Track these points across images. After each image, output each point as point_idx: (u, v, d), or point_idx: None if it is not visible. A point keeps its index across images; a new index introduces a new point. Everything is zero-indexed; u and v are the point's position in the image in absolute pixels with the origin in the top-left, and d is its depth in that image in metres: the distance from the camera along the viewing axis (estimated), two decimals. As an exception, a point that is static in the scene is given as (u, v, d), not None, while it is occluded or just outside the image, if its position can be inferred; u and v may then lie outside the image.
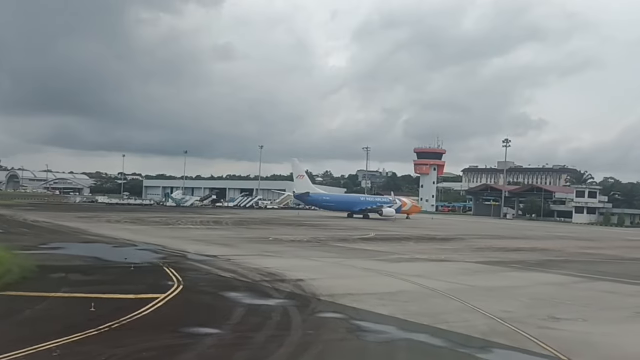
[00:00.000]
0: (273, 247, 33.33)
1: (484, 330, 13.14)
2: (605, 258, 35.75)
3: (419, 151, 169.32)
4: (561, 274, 25.29)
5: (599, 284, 22.80)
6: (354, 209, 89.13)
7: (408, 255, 31.53)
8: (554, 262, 31.08)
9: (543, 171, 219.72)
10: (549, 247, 42.36)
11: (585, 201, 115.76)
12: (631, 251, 43.35)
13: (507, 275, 24.54)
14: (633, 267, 30.68)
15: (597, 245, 48.25)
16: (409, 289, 19.01)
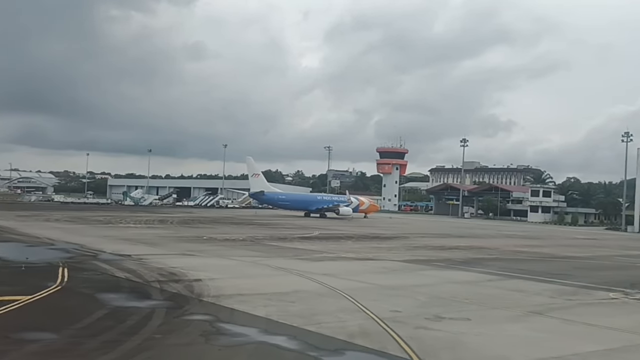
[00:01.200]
0: (201, 246, 32.51)
1: (353, 331, 12.57)
2: (538, 256, 35.68)
3: (382, 151, 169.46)
4: (479, 272, 24.98)
5: (511, 282, 22.53)
6: (311, 208, 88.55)
7: (336, 254, 31.00)
8: (481, 260, 30.87)
9: (508, 171, 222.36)
10: (487, 246, 42.29)
11: (540, 200, 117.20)
12: (568, 249, 43.49)
13: (422, 273, 24.17)
14: (559, 265, 30.53)
15: (538, 244, 48.46)
16: (308, 288, 18.41)
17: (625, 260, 35.39)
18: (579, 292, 20.47)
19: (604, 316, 16.04)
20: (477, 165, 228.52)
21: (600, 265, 31.94)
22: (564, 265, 31.10)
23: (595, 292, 20.55)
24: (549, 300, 18.40)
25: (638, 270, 29.74)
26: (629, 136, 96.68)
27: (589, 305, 18.05)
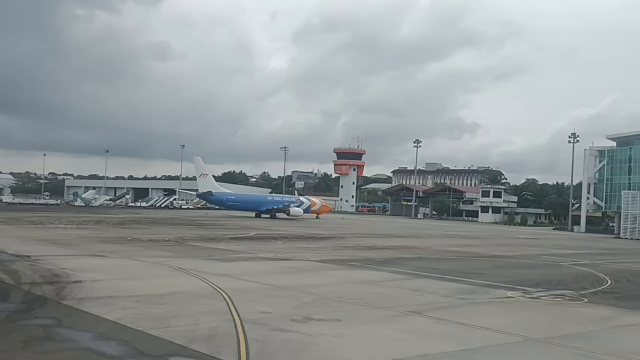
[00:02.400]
0: (118, 247, 31.34)
1: (199, 335, 11.81)
2: (464, 256, 35.51)
3: (339, 152, 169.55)
4: (389, 272, 24.50)
5: (416, 281, 22.09)
6: (261, 209, 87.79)
7: (255, 254, 30.21)
8: (402, 260, 30.47)
9: (469, 173, 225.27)
10: (419, 246, 42.09)
11: (491, 201, 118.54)
12: (501, 249, 43.59)
13: (329, 273, 23.56)
14: (480, 265, 30.37)
15: (473, 244, 48.58)
16: (191, 290, 17.57)
17: (550, 260, 35.39)
18: (477, 291, 20.12)
19: (485, 315, 15.63)
20: (439, 167, 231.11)
21: (521, 264, 31.83)
22: (485, 264, 30.94)
23: (495, 291, 20.21)
24: (439, 299, 17.94)
25: (556, 270, 29.57)
26: (576, 137, 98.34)
27: (478, 304, 17.65)
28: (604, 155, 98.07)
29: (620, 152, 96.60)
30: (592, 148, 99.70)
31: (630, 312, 17.36)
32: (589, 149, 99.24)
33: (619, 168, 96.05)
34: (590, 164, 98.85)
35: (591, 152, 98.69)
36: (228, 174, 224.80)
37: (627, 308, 17.96)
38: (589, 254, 42.52)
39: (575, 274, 27.65)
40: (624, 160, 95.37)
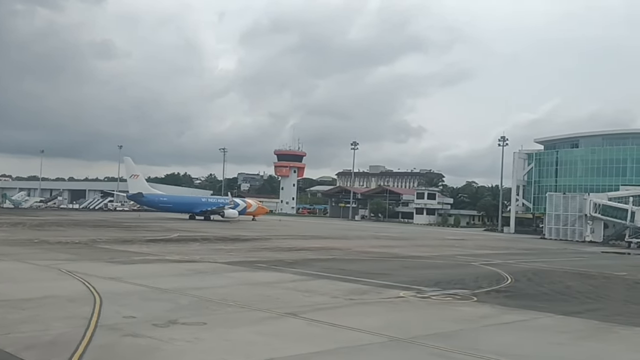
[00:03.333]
0: (17, 249, 29.86)
1: (41, 342, 11.08)
2: (380, 256, 35.56)
3: (279, 153, 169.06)
4: (292, 273, 24.15)
5: (314, 282, 21.78)
6: (195, 210, 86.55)
7: (162, 256, 29.33)
8: (312, 261, 30.22)
9: (412, 175, 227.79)
10: (339, 247, 42.02)
11: (425, 203, 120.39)
12: (421, 249, 43.90)
13: (225, 275, 22.99)
14: (389, 265, 30.40)
15: (397, 244, 48.97)
16: (65, 294, 16.66)
17: (464, 260, 35.74)
18: (371, 292, 19.96)
19: (363, 316, 15.39)
20: (382, 169, 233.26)
21: (431, 265, 32.04)
22: (395, 264, 30.99)
23: (389, 291, 20.09)
24: (327, 300, 17.65)
25: (463, 269, 29.81)
26: (505, 140, 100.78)
27: (363, 304, 17.44)
28: (532, 158, 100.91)
29: (547, 155, 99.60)
30: (520, 151, 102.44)
31: (512, 310, 17.45)
32: (517, 152, 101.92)
33: (546, 170, 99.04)
34: (519, 166, 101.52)
35: (520, 155, 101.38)
36: (171, 176, 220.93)
37: (512, 306, 18.08)
38: (505, 254, 43.35)
39: (480, 273, 27.93)
40: (551, 162, 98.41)
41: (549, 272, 30.26)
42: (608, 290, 24.05)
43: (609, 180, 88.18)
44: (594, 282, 26.96)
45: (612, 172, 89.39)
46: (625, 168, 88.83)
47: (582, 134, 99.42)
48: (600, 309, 18.79)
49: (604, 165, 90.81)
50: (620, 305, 19.88)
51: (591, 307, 19.04)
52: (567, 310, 17.77)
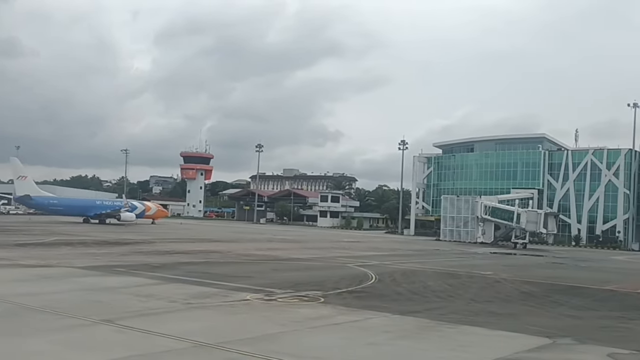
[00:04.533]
0: None
1: None
2: (258, 259, 34.97)
3: (186, 155, 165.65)
4: (147, 277, 23.12)
5: (163, 286, 20.75)
6: (89, 213, 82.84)
7: (16, 261, 27.35)
8: (182, 264, 29.16)
9: (325, 179, 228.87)
10: (223, 250, 41.14)
11: (329, 205, 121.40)
12: (307, 251, 43.68)
13: (70, 280, 21.55)
14: (260, 267, 29.92)
15: (285, 247, 48.66)
16: None
17: (343, 261, 35.75)
18: (216, 295, 19.31)
19: (187, 321, 14.74)
20: (296, 172, 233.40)
21: (305, 267, 31.84)
22: (267, 267, 30.55)
23: (237, 294, 19.49)
24: (161, 305, 16.88)
25: (334, 271, 29.68)
26: (405, 144, 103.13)
27: (196, 308, 16.72)
28: (431, 162, 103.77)
29: (444, 159, 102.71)
30: (420, 155, 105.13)
31: (352, 310, 17.30)
32: (417, 155, 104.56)
33: (444, 174, 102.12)
34: (419, 170, 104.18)
35: (419, 159, 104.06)
36: (78, 178, 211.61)
37: (354, 307, 17.94)
38: (389, 255, 43.94)
39: (349, 274, 27.87)
40: (448, 166, 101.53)
41: (418, 273, 30.73)
42: (462, 289, 24.55)
43: (501, 184, 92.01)
44: (455, 281, 27.54)
45: (504, 176, 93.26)
46: (516, 172, 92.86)
47: (476, 138, 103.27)
48: (442, 308, 19.02)
49: (496, 169, 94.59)
50: (463, 304, 20.22)
51: (434, 306, 19.25)
52: (407, 310, 17.83)
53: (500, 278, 29.82)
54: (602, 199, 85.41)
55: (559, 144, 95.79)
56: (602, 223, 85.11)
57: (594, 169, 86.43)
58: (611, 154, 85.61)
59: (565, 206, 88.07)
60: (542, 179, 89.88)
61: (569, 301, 22.36)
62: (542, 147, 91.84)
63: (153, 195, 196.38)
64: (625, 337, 15.55)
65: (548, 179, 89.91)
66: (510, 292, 24.39)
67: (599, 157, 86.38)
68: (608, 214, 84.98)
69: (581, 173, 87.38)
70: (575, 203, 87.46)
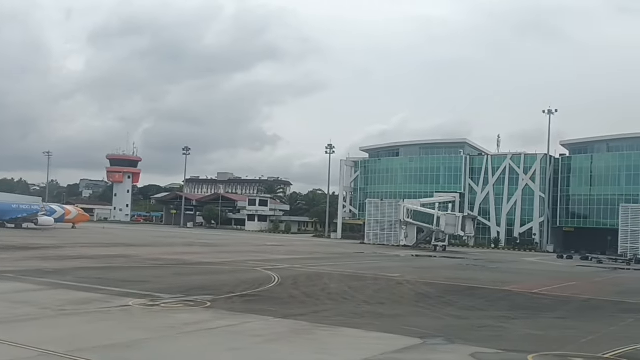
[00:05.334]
0: None
1: None
2: (166, 264, 34.18)
3: (113, 158, 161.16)
4: (34, 283, 22.01)
5: (46, 292, 19.93)
6: (4, 217, 79.37)
7: None
8: (80, 269, 28.13)
9: (260, 182, 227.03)
10: (132, 254, 40.03)
11: (256, 209, 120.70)
12: (219, 255, 43.06)
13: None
14: (162, 272, 29.15)
15: (200, 251, 47.99)
16: None
17: (252, 265, 35.29)
18: (97, 301, 18.51)
19: (50, 328, 14.12)
20: (230, 176, 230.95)
21: (210, 270, 31.32)
22: (170, 271, 29.72)
23: (120, 300, 18.80)
24: (31, 311, 16.06)
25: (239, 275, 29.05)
26: (332, 148, 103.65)
27: (70, 315, 15.99)
28: (358, 166, 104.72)
29: (371, 163, 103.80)
30: (348, 159, 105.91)
31: (233, 315, 16.96)
32: (345, 159, 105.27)
33: (371, 178, 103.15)
34: (346, 173, 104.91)
35: (347, 163, 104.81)
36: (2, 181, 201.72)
37: (238, 311, 17.63)
38: (305, 259, 43.90)
39: (251, 278, 27.47)
40: (375, 170, 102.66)
41: (324, 275, 30.69)
42: (361, 291, 24.61)
43: (425, 187, 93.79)
44: (358, 283, 27.63)
45: (428, 180, 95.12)
46: (439, 176, 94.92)
47: (402, 143, 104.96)
48: (330, 310, 18.94)
49: (420, 173, 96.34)
50: (353, 306, 20.23)
51: (323, 309, 19.15)
52: (292, 313, 17.65)
53: (404, 280, 30.16)
54: (520, 202, 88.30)
55: (480, 149, 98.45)
56: (519, 226, 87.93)
57: (512, 173, 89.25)
58: (528, 158, 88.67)
59: (486, 209, 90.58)
60: (463, 183, 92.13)
61: (460, 302, 22.76)
62: (464, 152, 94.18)
63: (82, 199, 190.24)
64: (498, 336, 15.85)
65: (469, 183, 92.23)
66: (407, 294, 24.67)
67: (516, 162, 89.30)
68: (525, 217, 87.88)
69: (500, 177, 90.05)
70: (494, 206, 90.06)
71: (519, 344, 14.76)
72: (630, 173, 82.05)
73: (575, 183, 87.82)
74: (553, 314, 21.06)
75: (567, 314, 21.34)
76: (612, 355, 13.79)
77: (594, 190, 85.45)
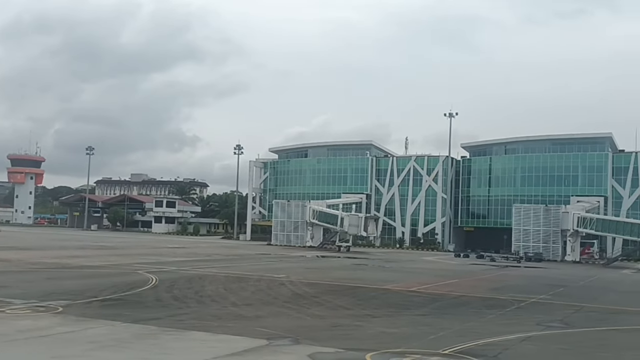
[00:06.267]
0: None
1: None
2: (44, 267, 32.53)
3: (14, 158, 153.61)
4: None
5: None
6: None
7: None
8: None
9: (175, 184, 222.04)
10: (12, 258, 37.71)
11: (163, 211, 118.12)
12: (110, 259, 41.54)
13: None
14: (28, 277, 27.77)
15: (92, 254, 46.02)
16: None
17: (139, 268, 34.18)
18: None
19: None
20: (144, 177, 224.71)
21: (88, 274, 30.02)
22: (42, 276, 28.34)
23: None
24: None
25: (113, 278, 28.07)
26: (240, 149, 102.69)
27: None
28: (267, 167, 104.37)
29: (280, 164, 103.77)
30: (257, 160, 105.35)
31: (80, 321, 16.06)
32: (254, 160, 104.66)
33: (280, 179, 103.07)
34: (256, 174, 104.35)
35: (256, 164, 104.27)
36: None
37: (89, 316, 16.79)
38: (199, 261, 43.09)
39: (126, 281, 26.52)
40: (284, 171, 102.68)
41: (207, 278, 30.09)
42: (235, 293, 24.27)
43: (333, 188, 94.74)
44: (237, 285, 27.26)
45: (336, 181, 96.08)
46: (347, 177, 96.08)
47: (310, 144, 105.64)
48: (190, 313, 18.49)
49: (328, 174, 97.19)
50: (218, 308, 19.87)
51: (182, 312, 18.69)
52: (145, 317, 17.04)
53: (289, 281, 30.08)
54: (423, 203, 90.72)
55: (386, 151, 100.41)
56: (423, 226, 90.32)
57: (416, 175, 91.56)
58: (431, 160, 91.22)
59: (391, 210, 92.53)
60: (370, 184, 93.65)
61: (333, 301, 22.84)
62: (370, 153, 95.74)
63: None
64: (348, 335, 15.93)
65: (375, 184, 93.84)
66: (283, 295, 24.50)
67: (420, 163, 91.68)
68: (429, 217, 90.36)
69: (405, 179, 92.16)
70: (400, 207, 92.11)
71: (365, 342, 14.85)
72: (525, 174, 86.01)
73: (475, 184, 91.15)
74: (418, 311, 21.52)
75: (432, 311, 21.85)
76: (451, 351, 14.11)
77: (492, 191, 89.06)
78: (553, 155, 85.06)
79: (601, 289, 35.76)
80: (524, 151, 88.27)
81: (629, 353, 15.36)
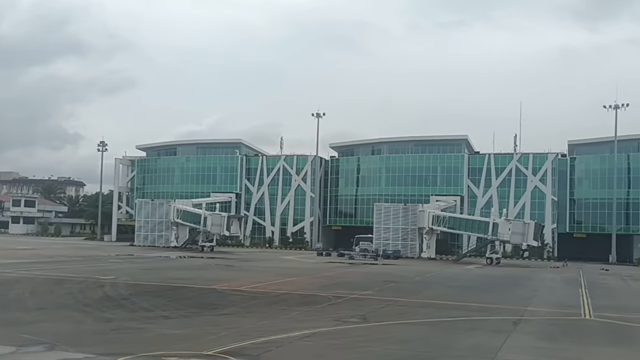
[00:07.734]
0: None
1: None
2: None
3: None
4: None
5: None
6: None
7: None
8: None
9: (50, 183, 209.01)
10: None
11: (21, 210, 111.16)
12: None
13: None
14: None
15: None
16: None
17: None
18: None
19: None
20: (15, 176, 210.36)
21: None
22: None
23: None
24: None
25: None
26: (104, 146, 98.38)
27: None
28: (135, 165, 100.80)
29: (148, 162, 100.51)
30: (124, 157, 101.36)
31: None
32: (121, 158, 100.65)
33: (149, 177, 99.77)
34: (123, 172, 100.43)
35: (123, 162, 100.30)
36: None
37: None
38: (37, 263, 40.93)
39: None
40: (153, 169, 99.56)
41: (22, 280, 28.48)
42: (42, 296, 23.08)
43: (202, 187, 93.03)
44: (51, 288, 26.05)
45: (205, 180, 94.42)
46: (216, 176, 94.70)
47: (179, 142, 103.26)
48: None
49: (197, 173, 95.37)
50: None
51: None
52: None
53: (112, 282, 28.98)
54: (293, 202, 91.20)
55: (257, 150, 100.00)
56: (292, 225, 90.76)
57: (286, 174, 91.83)
58: (300, 160, 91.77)
59: (261, 209, 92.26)
60: (239, 183, 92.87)
61: (139, 303, 22.17)
62: (240, 152, 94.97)
63: None
64: (120, 339, 15.39)
65: (245, 184, 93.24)
66: (91, 297, 23.47)
67: (289, 163, 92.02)
68: (298, 216, 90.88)
69: (275, 178, 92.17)
70: (269, 206, 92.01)
71: (131, 346, 14.39)
72: (389, 174, 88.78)
73: (343, 184, 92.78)
74: (224, 310, 21.30)
75: (239, 310, 21.68)
76: (217, 352, 13.92)
77: (359, 191, 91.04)
78: (415, 156, 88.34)
79: (432, 283, 37.34)
80: (388, 152, 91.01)
81: (392, 346, 15.89)
